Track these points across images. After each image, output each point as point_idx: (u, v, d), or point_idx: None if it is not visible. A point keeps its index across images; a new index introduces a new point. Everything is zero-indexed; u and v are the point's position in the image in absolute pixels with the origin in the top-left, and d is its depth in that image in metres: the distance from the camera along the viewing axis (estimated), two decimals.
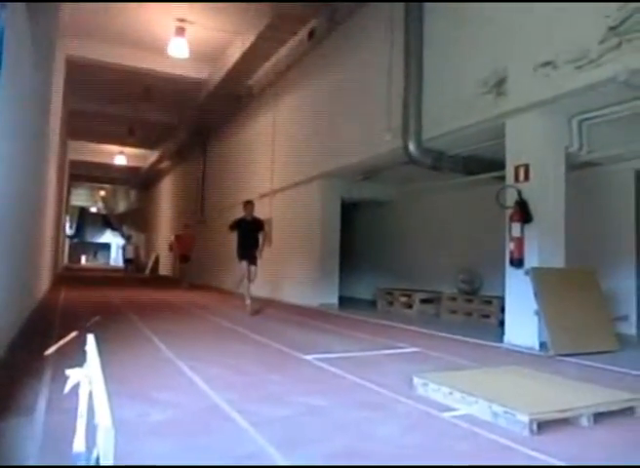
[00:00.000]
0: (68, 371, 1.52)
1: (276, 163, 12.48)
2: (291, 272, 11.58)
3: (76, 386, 1.55)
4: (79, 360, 1.71)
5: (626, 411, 3.14)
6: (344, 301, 10.70)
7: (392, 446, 2.58)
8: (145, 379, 3.81)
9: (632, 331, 6.62)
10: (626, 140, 6.33)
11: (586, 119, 6.02)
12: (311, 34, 10.66)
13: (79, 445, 1.43)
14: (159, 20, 11.14)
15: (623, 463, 2.44)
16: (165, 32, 11.38)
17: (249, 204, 9.23)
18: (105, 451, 1.03)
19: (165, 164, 24.47)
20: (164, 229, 25.41)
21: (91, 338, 1.74)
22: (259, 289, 12.78)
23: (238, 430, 2.73)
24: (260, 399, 3.36)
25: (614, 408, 3.09)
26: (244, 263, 8.82)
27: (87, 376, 1.45)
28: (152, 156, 23.97)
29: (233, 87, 13.32)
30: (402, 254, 11.27)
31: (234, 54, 11.82)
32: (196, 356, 4.72)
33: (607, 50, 5.00)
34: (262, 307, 9.45)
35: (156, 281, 19.57)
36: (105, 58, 12.50)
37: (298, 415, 3.01)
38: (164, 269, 23.97)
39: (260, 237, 9.01)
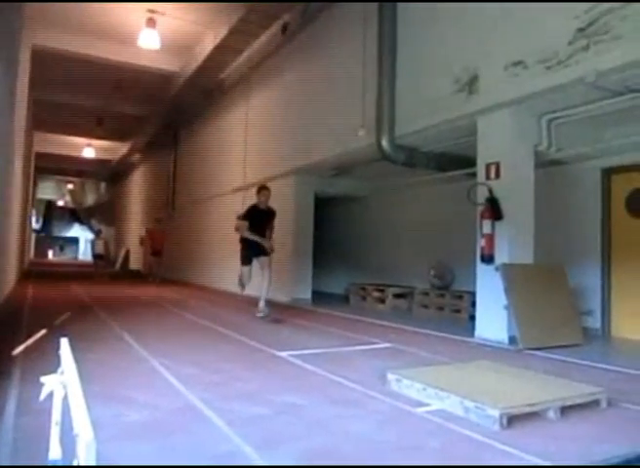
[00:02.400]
0: (43, 379, 1.49)
1: (249, 157, 12.41)
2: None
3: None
4: (49, 360, 1.68)
5: (592, 404, 3.25)
6: (317, 296, 10.74)
7: (367, 442, 2.61)
8: (119, 379, 3.77)
9: (597, 324, 6.83)
10: (593, 140, 6.49)
11: (555, 118, 6.15)
12: (285, 28, 10.60)
13: (55, 452, 1.41)
14: (130, 11, 10.92)
15: (589, 455, 2.52)
16: (136, 23, 11.16)
17: (265, 189, 7.69)
18: (87, 463, 1.02)
19: (135, 157, 24.07)
20: (134, 223, 25.02)
21: (65, 342, 1.72)
22: (235, 284, 12.76)
23: (214, 429, 2.73)
24: (235, 397, 3.36)
25: (580, 401, 3.20)
26: (246, 269, 7.65)
27: (62, 383, 1.43)
28: (122, 149, 23.54)
29: (205, 80, 13.17)
30: (375, 250, 11.36)
31: (206, 47, 11.68)
32: (170, 354, 4.68)
33: (575, 51, 5.11)
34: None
35: (127, 276, 19.28)
36: (73, 48, 12.21)
37: (273, 414, 3.02)
38: (135, 264, 23.62)
39: (268, 231, 7.76)
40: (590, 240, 7.02)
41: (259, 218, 7.56)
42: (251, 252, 7.57)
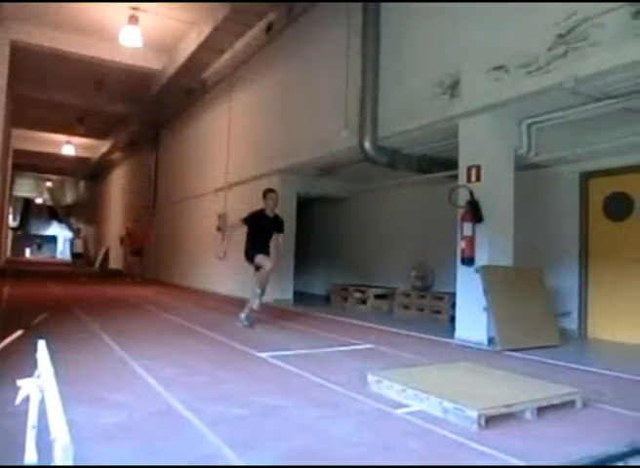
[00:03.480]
0: (20, 382, 1.47)
1: (231, 157, 12.35)
2: (245, 268, 11.49)
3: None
4: (26, 362, 1.66)
5: (568, 405, 3.31)
6: (299, 297, 10.73)
7: (347, 444, 2.62)
8: (97, 381, 3.73)
9: (574, 326, 6.94)
10: (572, 144, 6.60)
11: (535, 122, 6.24)
12: (269, 28, 10.59)
13: (31, 456, 1.39)
14: (112, 8, 10.80)
15: (564, 455, 2.57)
16: (118, 20, 11.04)
17: (272, 192, 6.86)
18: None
19: (116, 155, 23.81)
20: (115, 222, 24.75)
21: (42, 345, 1.69)
22: (217, 285, 12.70)
23: (193, 431, 2.71)
24: (215, 399, 3.35)
25: (556, 401, 3.25)
26: (262, 258, 6.64)
27: (38, 386, 1.41)
28: (103, 147, 23.28)
29: (188, 79, 13.09)
30: (357, 250, 11.39)
31: (190, 45, 11.60)
32: (149, 355, 4.65)
33: (555, 57, 5.19)
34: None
35: (106, 276, 19.05)
36: (54, 44, 12.02)
37: (253, 415, 3.02)
38: (115, 263, 23.35)
39: (280, 239, 7.00)
40: (569, 242, 7.14)
41: (263, 227, 6.64)
42: (255, 248, 6.70)
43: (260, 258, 6.63)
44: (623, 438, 2.64)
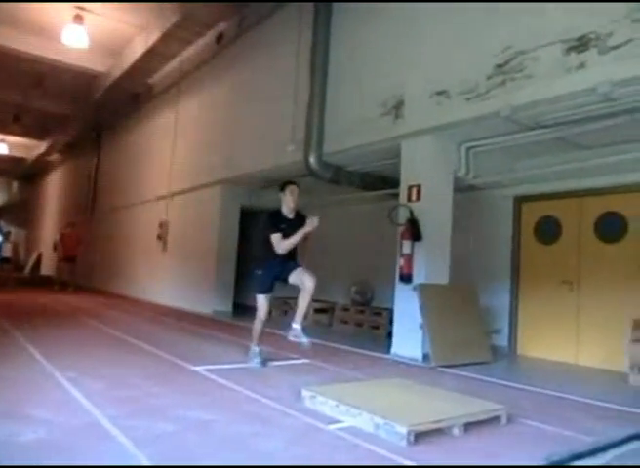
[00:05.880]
0: None
1: (176, 165, 12.13)
2: (185, 278, 11.29)
3: None
4: None
5: (493, 420, 3.42)
6: (239, 309, 10.61)
7: (275, 460, 2.60)
8: (18, 395, 3.53)
9: (504, 343, 7.20)
10: (507, 169, 6.91)
11: (474, 147, 6.49)
12: (219, 38, 10.55)
13: None
14: (56, 6, 10.43)
15: None
16: (63, 19, 10.66)
17: (292, 185, 5.43)
18: None
19: (54, 156, 22.85)
20: (49, 226, 23.66)
21: None
22: (157, 295, 12.35)
23: (117, 448, 2.62)
24: (144, 413, 3.24)
25: (482, 417, 3.36)
26: (264, 299, 5.36)
27: None
28: (40, 147, 22.28)
29: (133, 84, 12.81)
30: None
31: (137, 50, 11.36)
32: (78, 368, 4.45)
33: (493, 86, 5.45)
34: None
35: (37, 282, 18.14)
36: None
37: (182, 431, 2.95)
38: (47, 269, 22.30)
39: (308, 243, 5.41)
40: (502, 263, 7.43)
41: (287, 230, 5.15)
42: (272, 272, 5.24)
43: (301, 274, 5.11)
44: (542, 452, 2.75)
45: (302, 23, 8.13)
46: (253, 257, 12.60)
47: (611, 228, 6.39)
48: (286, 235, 5.12)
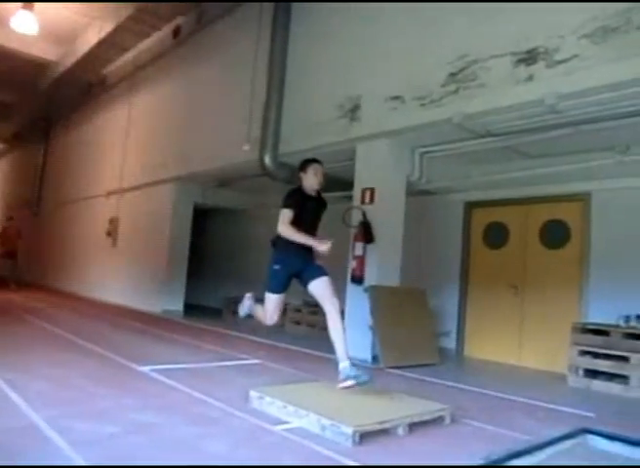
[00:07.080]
0: None
1: (127, 161, 11.84)
2: (135, 276, 11.03)
3: None
4: None
5: (438, 420, 3.50)
6: (191, 309, 10.46)
7: (222, 462, 2.58)
8: None
9: (452, 345, 7.38)
10: (459, 175, 7.08)
11: (427, 152, 6.63)
12: (176, 32, 10.37)
13: None
14: None
15: None
16: (11, 4, 10.23)
17: (315, 162, 4.70)
18: None
19: None
20: None
21: None
22: (106, 293, 12.00)
23: (53, 451, 2.52)
24: (85, 416, 3.14)
25: (426, 417, 3.42)
26: (276, 299, 4.58)
27: None
28: None
29: (85, 74, 12.41)
30: (253, 264, 11.29)
31: (90, 40, 11.01)
32: (18, 369, 4.27)
33: (447, 93, 5.57)
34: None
35: None
36: None
37: (124, 433, 2.87)
38: None
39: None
40: (452, 266, 7.61)
41: (307, 212, 4.52)
42: (291, 267, 4.52)
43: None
44: (482, 451, 2.83)
45: (262, 22, 8.09)
46: (206, 256, 12.41)
47: (555, 235, 6.66)
48: (308, 212, 4.52)
